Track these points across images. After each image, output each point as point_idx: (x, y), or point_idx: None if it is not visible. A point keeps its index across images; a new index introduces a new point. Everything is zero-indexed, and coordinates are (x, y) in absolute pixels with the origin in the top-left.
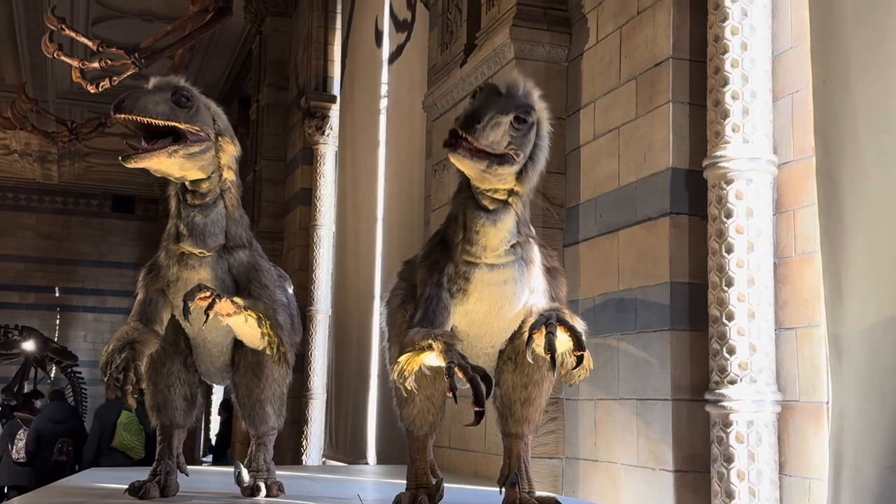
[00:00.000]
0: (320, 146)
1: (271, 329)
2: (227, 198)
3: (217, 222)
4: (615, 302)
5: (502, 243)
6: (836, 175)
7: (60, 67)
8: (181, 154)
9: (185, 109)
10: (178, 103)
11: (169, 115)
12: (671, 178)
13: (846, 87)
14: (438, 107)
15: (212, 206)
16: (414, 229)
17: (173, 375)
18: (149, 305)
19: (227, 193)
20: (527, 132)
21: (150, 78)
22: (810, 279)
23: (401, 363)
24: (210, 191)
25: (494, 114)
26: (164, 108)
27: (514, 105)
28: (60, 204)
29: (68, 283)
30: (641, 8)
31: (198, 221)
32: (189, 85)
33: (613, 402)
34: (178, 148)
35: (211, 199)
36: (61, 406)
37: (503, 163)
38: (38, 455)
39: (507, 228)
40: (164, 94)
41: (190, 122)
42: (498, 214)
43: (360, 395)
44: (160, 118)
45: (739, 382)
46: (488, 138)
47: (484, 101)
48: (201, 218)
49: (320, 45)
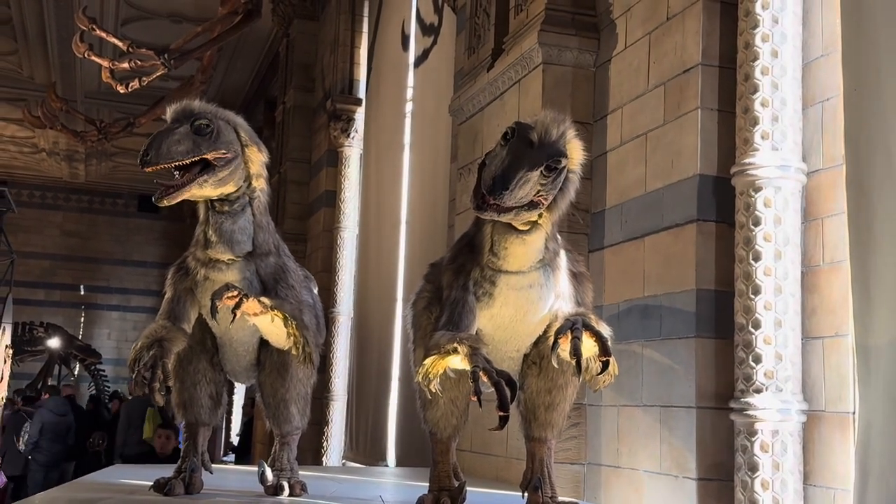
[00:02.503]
0: (345, 149)
1: (297, 329)
2: (254, 205)
3: (245, 229)
4: (640, 308)
5: (529, 261)
6: (865, 184)
7: (89, 67)
8: (211, 182)
9: (207, 137)
10: (198, 132)
11: (192, 149)
12: (699, 184)
13: (878, 95)
14: (465, 111)
15: (240, 213)
16: (437, 233)
17: (199, 373)
18: (177, 304)
19: (255, 201)
20: (556, 177)
21: (167, 108)
22: (838, 288)
23: (426, 366)
24: (238, 199)
25: (524, 173)
26: (186, 145)
27: (546, 156)
28: (87, 203)
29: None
30: (671, 14)
31: (226, 228)
32: (205, 106)
33: (637, 409)
34: (207, 178)
35: (239, 207)
36: (62, 400)
37: (530, 209)
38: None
39: (535, 248)
40: (184, 128)
41: (215, 148)
42: (528, 234)
43: (380, 398)
44: (186, 157)
45: (765, 391)
46: (516, 197)
47: (514, 157)
48: (229, 224)
49: (346, 48)
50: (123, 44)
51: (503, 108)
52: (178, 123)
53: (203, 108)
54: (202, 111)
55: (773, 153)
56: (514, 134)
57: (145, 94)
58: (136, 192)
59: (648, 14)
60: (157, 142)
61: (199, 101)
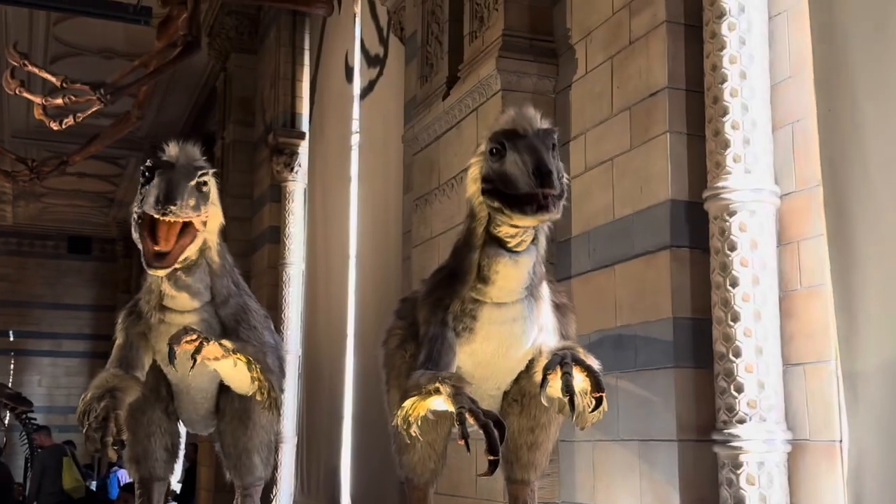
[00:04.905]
0: (289, 183)
1: (261, 373)
2: (208, 254)
3: (202, 280)
4: (613, 338)
5: (520, 284)
6: (845, 206)
7: (17, 105)
8: (193, 247)
9: (204, 196)
10: (199, 189)
11: (196, 208)
12: (671, 209)
13: (853, 116)
14: (419, 140)
15: (193, 268)
16: (390, 266)
17: (154, 424)
18: (129, 350)
19: (208, 252)
20: (558, 155)
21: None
22: (817, 313)
23: (405, 408)
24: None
25: (550, 154)
26: (194, 201)
27: (546, 134)
28: (15, 245)
29: (23, 327)
30: (633, 38)
31: (181, 283)
32: (202, 160)
33: (613, 444)
34: (192, 245)
35: (191, 262)
36: None
37: (562, 197)
38: None
39: (527, 269)
40: (192, 183)
41: (206, 211)
42: (521, 255)
43: (332, 439)
44: (194, 214)
45: (749, 421)
46: (558, 181)
47: (533, 148)
48: (185, 279)
49: (288, 81)
50: (57, 79)
51: (460, 136)
52: (187, 173)
53: (204, 163)
54: (205, 166)
55: (746, 176)
56: (508, 137)
57: (76, 132)
58: (66, 233)
59: (609, 38)
60: (178, 191)
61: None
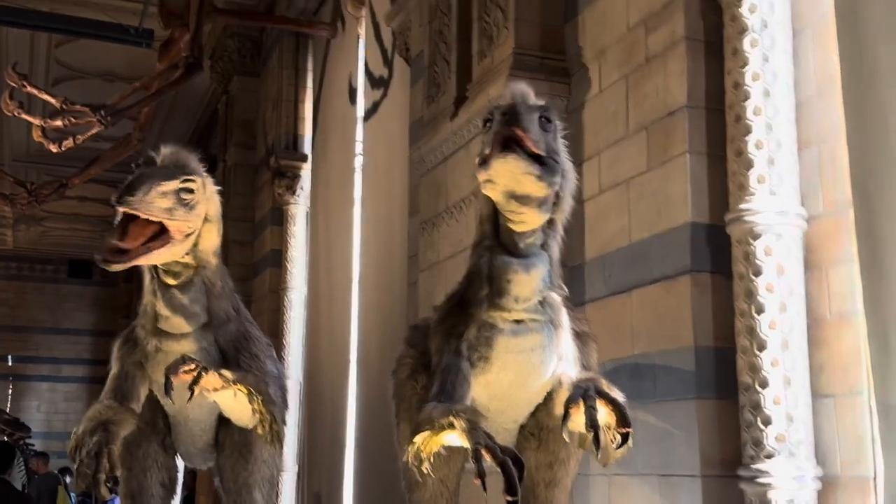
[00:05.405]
0: (291, 206)
1: (263, 405)
2: (204, 273)
3: (197, 300)
4: (629, 368)
5: (535, 293)
6: (877, 229)
7: (16, 128)
8: (164, 253)
9: (186, 204)
10: (180, 193)
11: (170, 211)
12: (691, 233)
13: (885, 136)
14: (426, 162)
15: (188, 286)
16: (395, 290)
17: (150, 458)
18: (124, 381)
19: (205, 270)
20: (555, 137)
21: (162, 147)
22: (848, 342)
23: (417, 443)
24: (185, 267)
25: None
26: (167, 203)
27: (537, 108)
28: (15, 269)
29: (22, 351)
30: (650, 55)
31: (176, 302)
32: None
33: (631, 479)
34: (161, 248)
35: (187, 278)
36: None
37: (553, 172)
38: None
39: (540, 276)
40: (173, 183)
41: (185, 219)
42: (531, 260)
43: (334, 469)
44: (162, 216)
45: (777, 456)
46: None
47: (514, 109)
48: (179, 299)
49: (290, 103)
50: (57, 101)
51: (469, 157)
52: (168, 174)
53: (197, 168)
54: (195, 171)
55: (771, 198)
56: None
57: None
58: (66, 257)
59: (624, 56)
60: (145, 184)
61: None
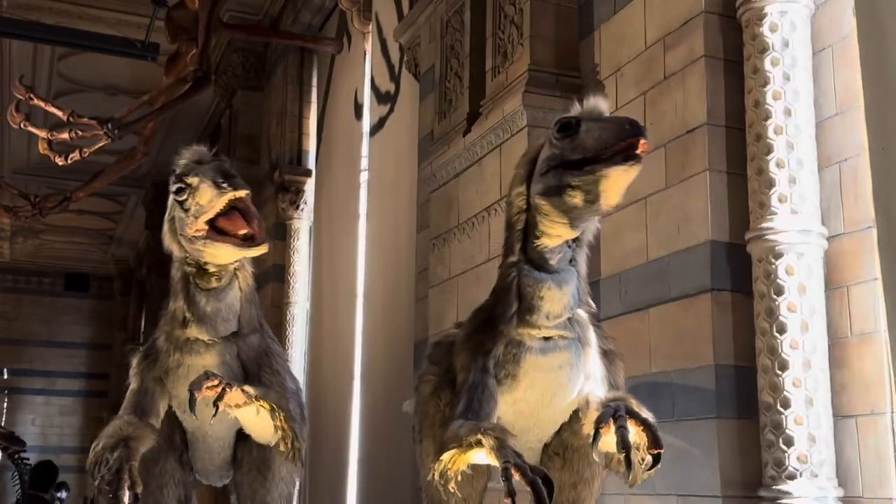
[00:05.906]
0: (294, 221)
1: (285, 421)
2: (241, 277)
3: (231, 306)
4: (647, 386)
5: (566, 309)
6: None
7: (18, 141)
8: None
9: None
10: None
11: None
12: (711, 251)
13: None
14: (437, 178)
15: (226, 290)
16: (401, 306)
17: (167, 475)
18: (144, 396)
19: (241, 272)
20: None
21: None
22: (870, 362)
23: (444, 461)
24: (223, 272)
25: None
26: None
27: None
28: (11, 282)
29: (17, 365)
30: (669, 73)
31: (210, 307)
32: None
33: (649, 499)
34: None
35: (225, 282)
36: None
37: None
38: None
39: (570, 292)
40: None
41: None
42: (562, 276)
43: (337, 487)
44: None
45: (799, 477)
46: None
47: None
48: (214, 304)
49: (295, 118)
50: (64, 113)
51: (482, 173)
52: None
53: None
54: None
55: (793, 217)
56: (579, 117)
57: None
58: (63, 270)
59: (642, 73)
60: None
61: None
